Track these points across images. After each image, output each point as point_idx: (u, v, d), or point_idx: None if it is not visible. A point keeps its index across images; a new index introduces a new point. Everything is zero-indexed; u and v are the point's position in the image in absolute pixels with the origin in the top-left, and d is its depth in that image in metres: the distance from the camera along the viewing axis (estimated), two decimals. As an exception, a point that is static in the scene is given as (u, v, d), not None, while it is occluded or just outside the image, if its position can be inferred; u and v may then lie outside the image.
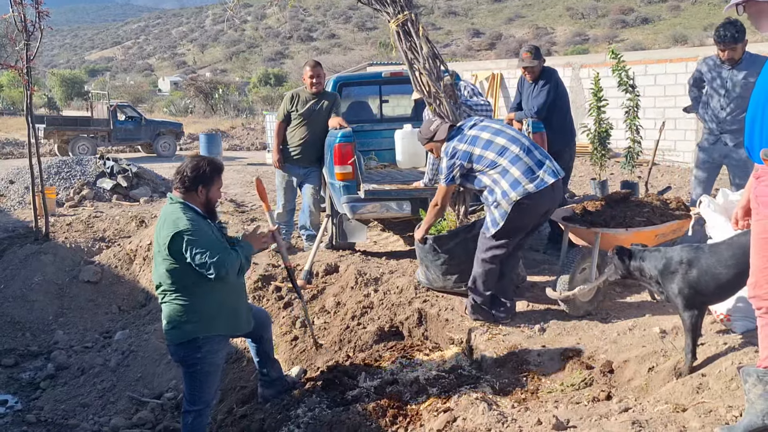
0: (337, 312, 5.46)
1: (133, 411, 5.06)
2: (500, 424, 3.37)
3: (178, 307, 3.76)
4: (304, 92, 6.71)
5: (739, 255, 3.46)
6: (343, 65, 43.64)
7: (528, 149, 4.44)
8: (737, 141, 5.33)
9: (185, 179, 3.80)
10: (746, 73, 5.23)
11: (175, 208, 3.76)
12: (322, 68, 6.80)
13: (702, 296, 3.61)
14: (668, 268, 3.67)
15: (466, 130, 4.59)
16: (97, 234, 8.95)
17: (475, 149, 4.47)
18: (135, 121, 21.55)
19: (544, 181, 4.34)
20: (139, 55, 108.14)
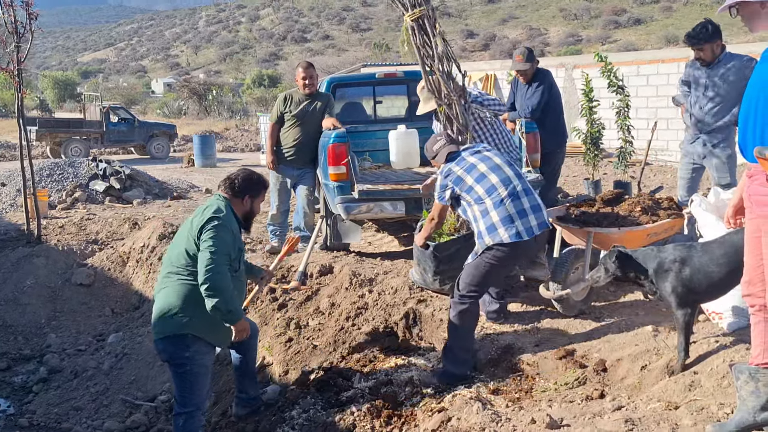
0: (331, 313, 5.45)
1: (126, 414, 5.05)
2: (494, 423, 3.37)
3: (183, 293, 3.80)
4: (297, 93, 6.69)
5: (731, 253, 3.48)
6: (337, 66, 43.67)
7: (516, 194, 4.13)
8: (715, 141, 5.38)
9: (235, 185, 3.99)
10: (723, 72, 5.26)
11: (223, 204, 3.93)
12: (314, 69, 6.77)
13: (695, 294, 3.63)
14: (662, 267, 3.68)
15: (467, 155, 4.36)
16: (90, 236, 8.92)
17: (468, 178, 4.22)
18: (128, 123, 21.50)
19: (520, 235, 4.04)
20: (132, 56, 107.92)
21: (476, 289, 4.17)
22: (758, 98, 2.63)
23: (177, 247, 3.92)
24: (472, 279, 4.15)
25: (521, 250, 4.12)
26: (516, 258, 4.23)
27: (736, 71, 5.21)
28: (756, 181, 2.64)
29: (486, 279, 4.18)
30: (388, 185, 6.11)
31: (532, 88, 6.27)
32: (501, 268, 4.20)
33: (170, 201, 11.67)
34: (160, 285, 3.96)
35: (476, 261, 4.16)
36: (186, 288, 3.82)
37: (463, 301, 4.17)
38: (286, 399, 4.38)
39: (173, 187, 12.77)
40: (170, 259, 3.92)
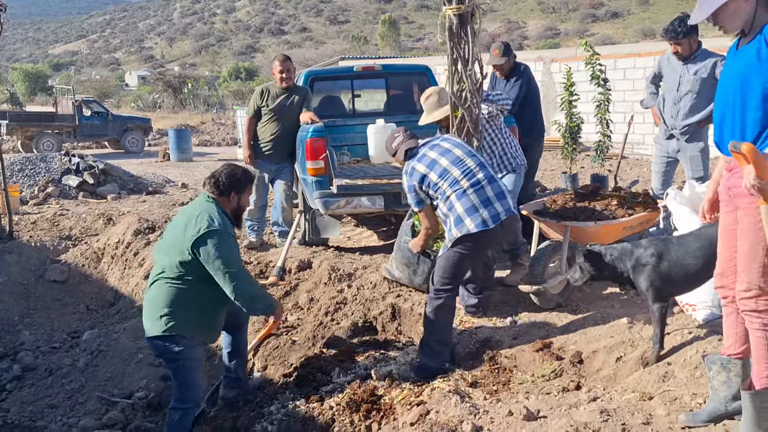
0: (310, 308, 5.44)
1: (102, 411, 4.99)
2: (472, 416, 3.40)
3: (171, 296, 3.81)
4: (274, 87, 6.63)
5: (707, 246, 3.53)
6: (315, 59, 43.47)
7: (479, 184, 4.14)
8: (687, 135, 5.45)
9: (219, 183, 3.94)
10: (697, 68, 5.33)
11: (212, 207, 3.88)
12: (291, 63, 6.72)
13: (672, 288, 3.67)
14: (639, 262, 3.72)
15: (427, 150, 4.33)
16: (63, 232, 8.81)
17: (431, 174, 4.21)
18: (101, 117, 21.24)
19: (485, 222, 4.06)
20: (105, 48, 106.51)
21: (450, 282, 4.19)
22: (734, 94, 2.66)
23: (167, 250, 3.90)
24: (445, 272, 4.18)
25: (489, 237, 4.16)
26: (485, 246, 4.26)
27: (709, 68, 5.28)
28: (736, 174, 2.66)
29: (458, 270, 4.20)
30: (367, 180, 6.10)
31: (510, 83, 6.29)
32: (471, 257, 4.23)
33: (145, 196, 11.57)
34: (150, 284, 3.98)
35: (447, 253, 4.19)
36: (173, 291, 3.83)
37: (438, 295, 4.19)
38: (265, 394, 4.37)
39: (148, 182, 12.65)
40: (160, 260, 3.92)
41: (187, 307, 3.84)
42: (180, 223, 3.93)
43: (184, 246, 3.78)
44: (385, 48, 51.56)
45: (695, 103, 5.37)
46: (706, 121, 5.34)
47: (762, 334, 2.68)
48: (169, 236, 4.00)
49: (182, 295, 3.82)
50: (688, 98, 5.40)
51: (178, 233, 3.87)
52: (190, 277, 3.82)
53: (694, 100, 5.37)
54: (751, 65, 2.56)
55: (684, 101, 5.43)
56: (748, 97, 2.58)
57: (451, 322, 4.35)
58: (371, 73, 7.91)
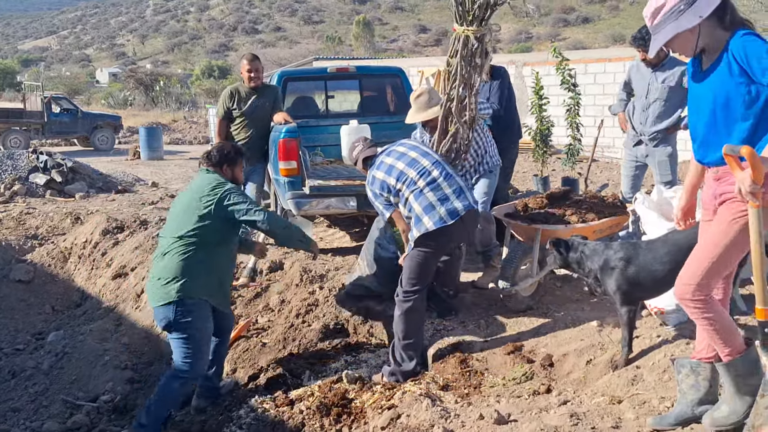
0: (281, 310, 5.40)
1: (67, 415, 4.90)
2: (444, 419, 3.39)
3: (184, 262, 3.99)
4: (243, 87, 6.48)
5: (674, 251, 3.57)
6: (289, 59, 43.33)
7: (435, 182, 4.18)
8: (656, 141, 5.52)
9: (212, 157, 4.30)
10: (665, 76, 5.40)
11: (214, 176, 4.21)
12: (260, 62, 6.58)
13: (639, 292, 3.71)
14: (608, 264, 3.75)
15: (384, 157, 4.39)
16: (30, 231, 8.63)
17: (390, 179, 4.27)
18: (71, 114, 20.90)
19: (443, 219, 4.07)
20: (76, 45, 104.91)
21: (417, 283, 4.18)
22: (712, 113, 2.70)
23: (180, 220, 4.10)
24: (411, 272, 4.19)
25: (449, 234, 4.16)
26: (447, 243, 4.25)
27: (677, 77, 5.36)
28: (726, 181, 2.70)
29: (423, 270, 4.19)
30: (340, 181, 6.08)
31: (492, 85, 6.27)
32: (434, 256, 4.23)
33: (115, 195, 11.39)
34: (161, 253, 4.10)
35: (410, 254, 4.21)
36: (187, 256, 4.00)
37: (407, 298, 4.18)
38: (234, 397, 4.32)
39: (118, 181, 12.46)
40: (170, 230, 4.12)
41: (201, 270, 4.02)
42: (188, 196, 4.20)
43: (202, 211, 4.02)
44: (360, 49, 51.60)
45: (663, 110, 5.45)
46: (674, 127, 5.42)
47: (704, 321, 2.76)
48: (179, 209, 4.20)
49: (197, 259, 4.01)
50: (656, 105, 5.48)
51: (191, 202, 4.11)
52: (204, 241, 4.03)
53: (662, 107, 5.45)
54: (725, 82, 2.63)
55: (652, 108, 5.50)
56: (731, 112, 2.64)
57: (421, 324, 4.34)
58: (345, 74, 7.89)
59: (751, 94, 2.57)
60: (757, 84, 2.54)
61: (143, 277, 6.52)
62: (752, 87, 2.56)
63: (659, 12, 2.69)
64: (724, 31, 2.64)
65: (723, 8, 2.63)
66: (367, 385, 4.12)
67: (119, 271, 6.94)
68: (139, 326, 5.88)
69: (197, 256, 4.01)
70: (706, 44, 2.69)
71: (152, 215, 8.88)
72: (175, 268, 3.98)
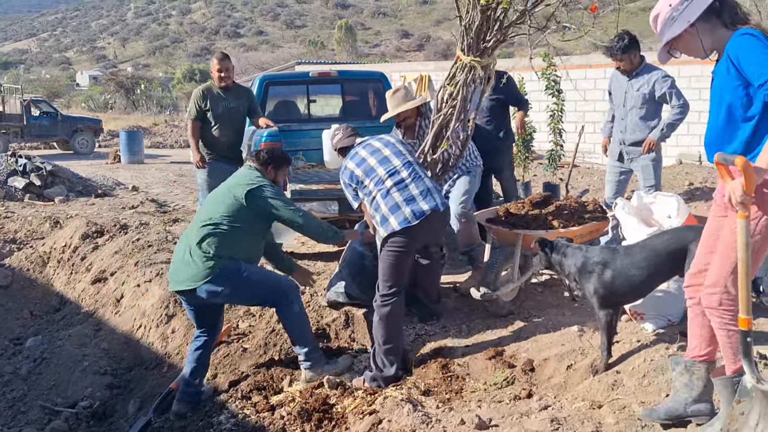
0: (262, 315, 5.37)
1: (45, 421, 4.84)
2: (425, 425, 3.39)
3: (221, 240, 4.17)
4: (215, 88, 6.33)
5: (652, 257, 3.60)
6: (271, 63, 43.18)
7: (402, 183, 4.20)
8: (637, 148, 5.58)
9: (261, 156, 4.46)
10: (641, 84, 5.49)
11: (256, 173, 4.38)
12: (230, 61, 6.47)
13: (616, 296, 3.73)
14: (585, 268, 3.78)
15: (360, 149, 4.45)
16: (8, 235, 8.52)
17: (358, 171, 4.33)
18: (50, 117, 20.74)
19: (408, 220, 4.08)
20: (56, 47, 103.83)
21: (393, 285, 4.19)
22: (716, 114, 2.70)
23: (212, 207, 4.30)
24: (385, 274, 4.20)
25: (414, 234, 4.15)
26: (413, 242, 4.22)
27: (651, 85, 5.43)
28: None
29: (396, 271, 4.19)
30: (322, 185, 6.08)
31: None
32: (405, 256, 4.21)
33: (94, 198, 11.29)
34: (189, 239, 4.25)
35: (381, 256, 4.23)
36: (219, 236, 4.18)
37: (384, 302, 4.19)
38: (214, 403, 4.29)
39: (98, 184, 12.36)
40: (203, 216, 4.29)
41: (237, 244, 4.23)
42: (225, 187, 4.39)
43: (235, 197, 4.22)
44: (342, 53, 51.58)
45: (641, 118, 5.51)
46: (653, 142, 5.48)
47: (724, 332, 2.73)
48: (214, 198, 4.39)
49: (227, 242, 4.18)
50: (633, 113, 5.55)
51: (227, 191, 4.31)
52: (234, 227, 4.20)
53: (639, 115, 5.52)
54: (725, 84, 2.64)
55: (630, 117, 5.57)
56: (732, 115, 2.64)
57: (400, 328, 4.34)
58: (327, 78, 7.90)
59: (748, 97, 2.57)
60: (753, 87, 2.52)
61: (123, 281, 6.47)
62: (749, 89, 2.55)
63: (657, 21, 2.74)
64: (726, 30, 2.64)
65: (719, 9, 2.63)
66: (348, 391, 4.12)
67: (99, 275, 6.87)
68: (119, 331, 5.82)
69: (226, 239, 4.18)
70: (714, 45, 2.69)
71: (132, 219, 8.80)
72: (208, 247, 4.15)
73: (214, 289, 4.14)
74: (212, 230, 4.18)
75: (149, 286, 6.09)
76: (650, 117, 5.51)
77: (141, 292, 6.11)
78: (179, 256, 4.31)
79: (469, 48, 4.60)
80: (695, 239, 3.50)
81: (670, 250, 3.59)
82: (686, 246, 3.51)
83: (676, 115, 5.42)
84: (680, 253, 3.53)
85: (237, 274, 4.17)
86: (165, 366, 5.09)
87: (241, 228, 4.23)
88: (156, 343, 5.43)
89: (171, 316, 5.58)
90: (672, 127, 5.47)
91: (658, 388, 3.29)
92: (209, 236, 4.17)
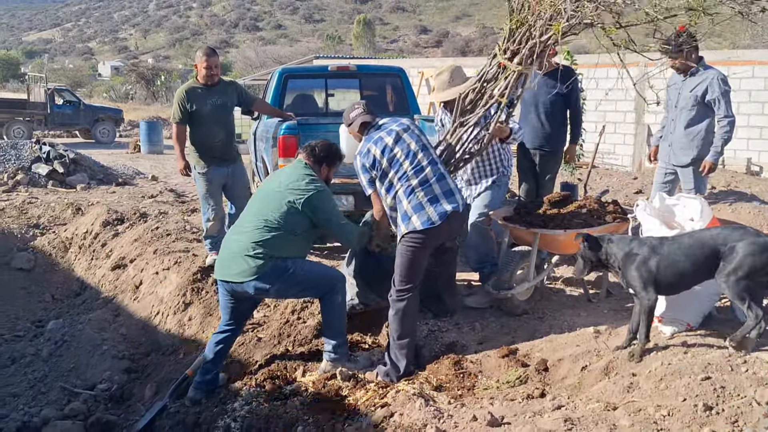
0: (277, 306, 5.41)
1: (65, 402, 4.93)
2: (436, 419, 3.40)
3: (275, 242, 4.16)
4: (197, 86, 5.88)
5: (697, 247, 3.62)
6: (289, 57, 43.27)
7: (427, 182, 4.18)
8: (679, 150, 5.48)
9: (316, 153, 4.41)
10: (694, 85, 5.35)
11: (309, 171, 4.33)
12: (218, 57, 6.01)
13: (659, 283, 3.71)
14: (632, 252, 3.77)
15: (384, 134, 4.30)
16: (32, 220, 8.66)
17: (384, 161, 4.23)
18: (73, 106, 20.95)
19: (431, 221, 4.10)
20: (79, 38, 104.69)
21: (408, 281, 4.19)
22: None
23: (267, 204, 4.26)
24: (401, 270, 4.20)
25: (435, 233, 4.16)
26: (432, 241, 4.23)
27: (704, 85, 5.28)
28: None
29: (413, 268, 4.20)
30: (338, 179, 6.09)
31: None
32: (422, 253, 4.21)
33: (115, 187, 11.42)
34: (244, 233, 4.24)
35: (399, 251, 4.22)
36: (271, 236, 4.17)
37: (400, 297, 4.20)
38: (229, 391, 4.34)
39: (118, 173, 12.49)
40: (260, 213, 4.25)
41: (286, 244, 4.21)
42: (276, 183, 4.34)
43: (290, 202, 4.18)
44: (360, 48, 51.48)
45: (688, 123, 5.39)
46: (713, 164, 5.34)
47: None
48: (265, 193, 4.37)
49: (277, 243, 4.17)
50: (683, 115, 5.42)
51: (281, 189, 4.26)
52: (288, 230, 4.19)
53: (688, 117, 5.39)
54: None
55: (679, 119, 5.45)
56: None
57: (415, 323, 4.35)
58: (345, 72, 7.89)
59: None
60: None
61: (141, 268, 6.55)
62: None
63: None
64: None
65: None
66: (361, 383, 4.14)
67: (118, 262, 6.96)
68: (137, 317, 5.90)
69: (282, 241, 4.18)
70: None
71: (152, 208, 8.90)
72: (260, 247, 4.14)
73: (262, 286, 4.17)
74: (268, 232, 4.17)
75: (167, 274, 6.16)
76: (697, 120, 5.35)
77: (159, 280, 6.18)
78: (231, 247, 4.30)
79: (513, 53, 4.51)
80: (742, 239, 3.51)
81: (715, 246, 3.59)
82: (730, 245, 3.53)
83: (725, 134, 5.26)
84: (723, 251, 3.55)
85: (285, 272, 4.18)
86: (181, 352, 5.15)
87: (297, 232, 4.23)
88: (173, 329, 5.50)
89: (188, 304, 5.65)
90: (725, 143, 5.32)
91: (676, 392, 3.25)
92: (265, 237, 4.16)
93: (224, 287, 4.33)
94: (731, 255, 3.53)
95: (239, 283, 4.19)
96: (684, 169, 5.49)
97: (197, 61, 5.84)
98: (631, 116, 12.76)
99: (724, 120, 5.24)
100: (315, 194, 4.20)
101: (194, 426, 4.11)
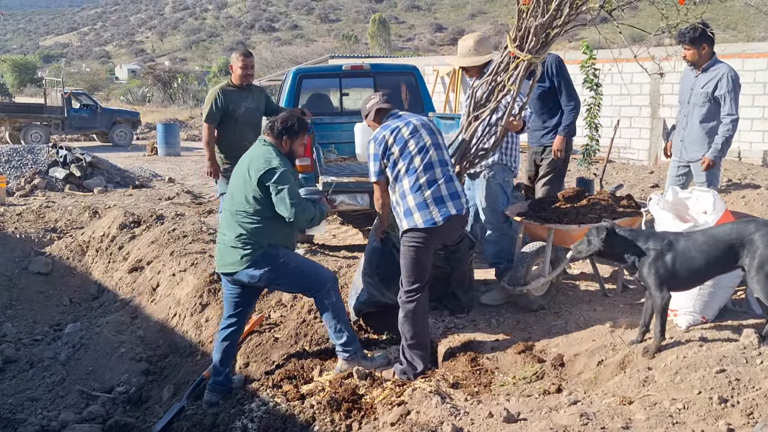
0: (293, 306, 5.43)
1: (83, 405, 4.97)
2: (453, 417, 3.40)
3: (255, 228, 4.22)
4: (231, 87, 5.96)
5: (711, 242, 3.60)
6: (305, 57, 43.35)
7: (435, 182, 4.15)
8: (691, 146, 5.42)
9: (274, 127, 4.35)
10: (706, 81, 5.26)
11: (268, 149, 4.30)
12: (253, 58, 6.22)
13: (674, 279, 3.69)
14: (647, 247, 3.74)
15: (402, 124, 4.27)
16: (49, 224, 8.75)
17: (395, 151, 4.20)
18: (90, 110, 21.15)
19: (434, 220, 4.09)
20: (96, 41, 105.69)
21: (416, 280, 4.18)
22: None
23: (238, 193, 4.30)
24: (407, 270, 4.19)
25: (435, 233, 4.16)
26: (433, 240, 4.22)
27: (715, 81, 5.20)
28: None
29: (417, 266, 4.18)
30: (353, 177, 6.11)
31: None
32: (425, 250, 4.20)
33: (132, 189, 11.52)
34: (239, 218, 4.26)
35: (402, 251, 4.22)
36: (260, 224, 4.22)
37: (409, 298, 4.19)
38: (246, 391, 4.36)
39: (135, 176, 12.59)
40: (234, 204, 4.30)
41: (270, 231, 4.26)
42: (243, 168, 4.32)
43: (251, 186, 4.18)
44: (375, 47, 51.54)
45: (701, 119, 5.30)
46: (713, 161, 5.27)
47: None
48: (237, 182, 4.35)
49: (264, 224, 4.22)
50: (696, 112, 5.34)
51: (245, 175, 4.26)
52: (259, 212, 4.20)
53: (701, 114, 5.30)
54: None
55: (692, 116, 5.37)
56: None
57: (426, 323, 4.34)
58: (360, 72, 7.91)
59: None
60: None
61: (158, 271, 6.60)
62: None
63: None
64: None
65: None
66: (377, 382, 4.14)
67: (135, 264, 7.02)
68: (155, 319, 5.95)
69: (258, 226, 4.22)
70: None
71: (168, 210, 8.96)
72: (245, 236, 4.21)
73: (253, 273, 4.24)
74: (243, 218, 4.23)
75: (184, 276, 6.20)
76: (710, 117, 5.27)
77: (176, 282, 6.22)
78: (223, 239, 4.38)
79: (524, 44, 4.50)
80: (756, 232, 3.48)
81: (729, 240, 3.57)
82: (746, 239, 3.52)
83: (726, 132, 5.17)
84: (739, 246, 3.54)
85: (275, 260, 4.25)
86: (198, 354, 5.18)
87: (268, 214, 4.23)
88: (190, 331, 5.53)
89: (205, 306, 5.68)
90: (727, 143, 5.24)
91: (691, 385, 3.24)
92: (243, 224, 4.23)
93: (225, 278, 4.42)
94: (751, 250, 3.50)
95: (234, 273, 4.28)
96: (696, 164, 5.43)
97: (233, 62, 6.00)
98: (647, 110, 12.65)
99: (727, 118, 5.17)
100: (266, 171, 4.17)
101: (212, 427, 4.13)
